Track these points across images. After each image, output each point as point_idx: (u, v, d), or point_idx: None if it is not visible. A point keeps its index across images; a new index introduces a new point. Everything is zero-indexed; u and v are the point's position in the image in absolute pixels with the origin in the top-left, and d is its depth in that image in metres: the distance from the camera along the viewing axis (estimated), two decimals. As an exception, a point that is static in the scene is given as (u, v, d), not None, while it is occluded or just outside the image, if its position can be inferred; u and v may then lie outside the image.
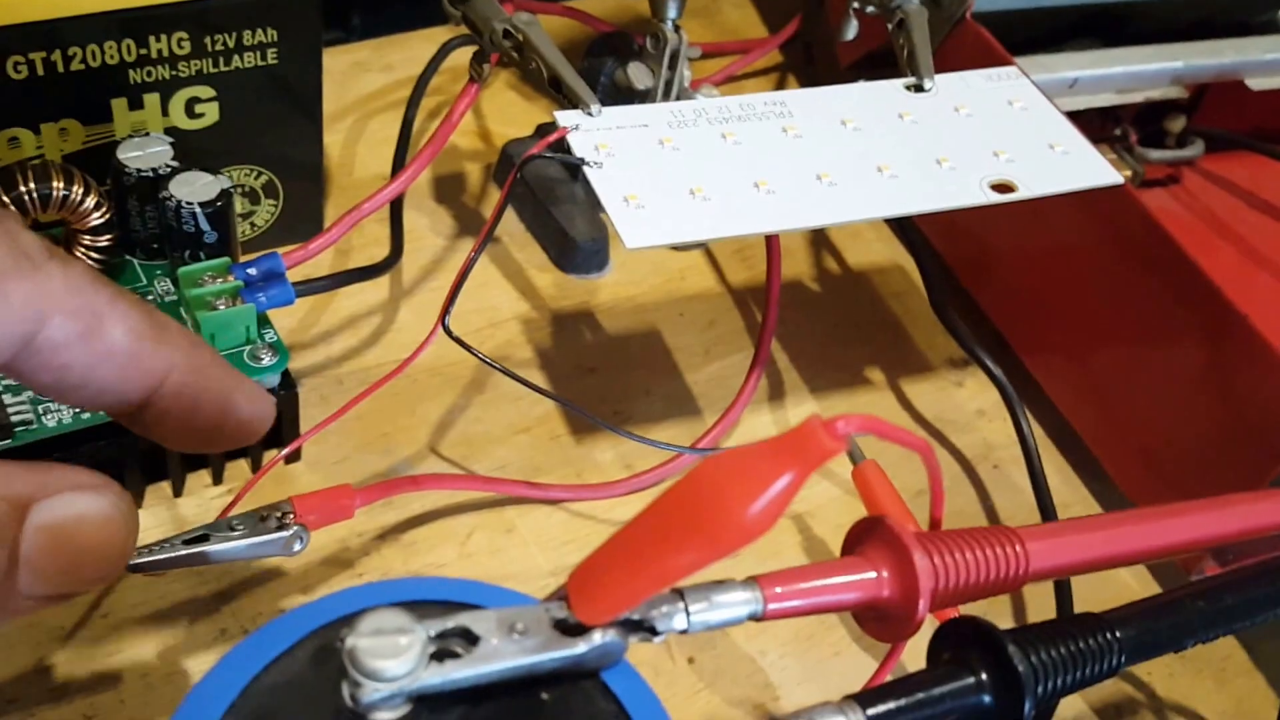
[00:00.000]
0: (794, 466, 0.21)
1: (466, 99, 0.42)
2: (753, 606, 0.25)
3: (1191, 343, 0.43)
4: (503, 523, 0.42)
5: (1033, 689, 0.25)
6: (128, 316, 0.25)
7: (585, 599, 0.23)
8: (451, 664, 0.21)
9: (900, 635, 0.27)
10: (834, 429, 0.21)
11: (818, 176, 0.39)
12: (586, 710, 0.23)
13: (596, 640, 0.23)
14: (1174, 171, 0.58)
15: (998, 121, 0.42)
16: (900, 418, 0.49)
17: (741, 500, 0.21)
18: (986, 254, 0.51)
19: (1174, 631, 0.29)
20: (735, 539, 0.21)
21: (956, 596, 0.27)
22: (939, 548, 0.27)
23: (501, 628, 0.22)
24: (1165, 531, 0.32)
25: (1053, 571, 0.29)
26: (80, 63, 0.38)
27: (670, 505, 0.22)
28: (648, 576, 0.22)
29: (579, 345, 0.48)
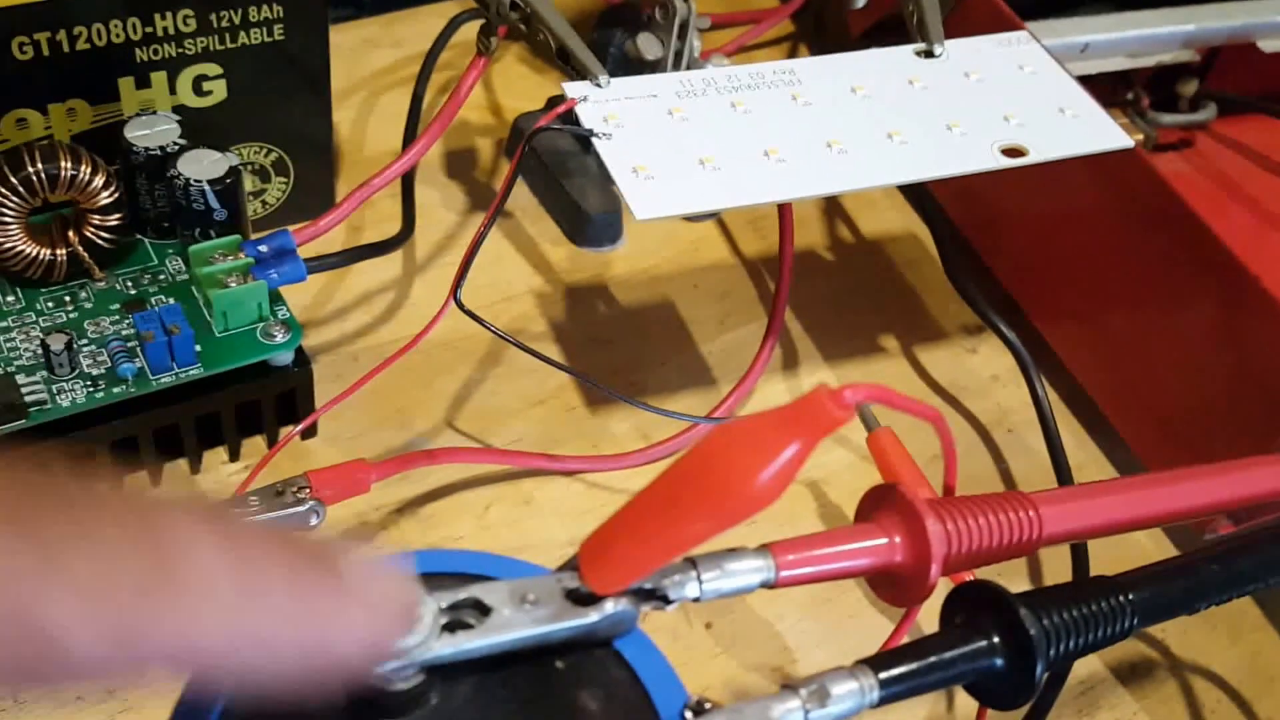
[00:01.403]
0: (801, 436, 0.21)
1: (474, 72, 0.42)
2: (765, 574, 0.25)
3: (1204, 305, 0.43)
4: (520, 494, 0.42)
5: (1044, 652, 0.25)
6: (87, 598, 0.17)
7: (596, 569, 0.23)
8: (463, 635, 0.22)
9: (913, 600, 0.27)
10: (841, 398, 0.21)
11: (828, 144, 0.39)
12: (600, 679, 0.23)
13: (608, 610, 0.23)
14: (1187, 135, 0.58)
15: (1008, 86, 0.42)
16: (914, 384, 0.49)
17: (750, 469, 0.21)
18: (1000, 220, 0.51)
19: (1187, 594, 0.29)
20: (744, 508, 0.21)
21: (969, 561, 0.27)
22: (951, 513, 0.27)
23: (513, 598, 0.22)
24: (1180, 496, 0.32)
25: (1066, 536, 0.29)
26: (86, 42, 0.38)
27: (680, 475, 0.22)
28: (658, 546, 0.22)
29: (593, 318, 0.48)
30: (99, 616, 0.17)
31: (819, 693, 0.23)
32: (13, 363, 0.36)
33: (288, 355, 0.39)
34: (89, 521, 0.18)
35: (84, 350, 0.37)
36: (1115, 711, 0.40)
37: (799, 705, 0.22)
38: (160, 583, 0.18)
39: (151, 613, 0.18)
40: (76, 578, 0.17)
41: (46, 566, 0.17)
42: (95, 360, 0.37)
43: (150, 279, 0.39)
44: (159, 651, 0.18)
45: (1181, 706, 0.41)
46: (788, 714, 0.22)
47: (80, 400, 0.36)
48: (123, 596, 0.17)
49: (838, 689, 0.23)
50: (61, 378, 0.36)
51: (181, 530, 0.18)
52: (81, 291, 0.39)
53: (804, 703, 0.23)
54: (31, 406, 0.35)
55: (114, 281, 0.39)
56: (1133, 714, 0.40)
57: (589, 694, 0.23)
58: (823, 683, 0.23)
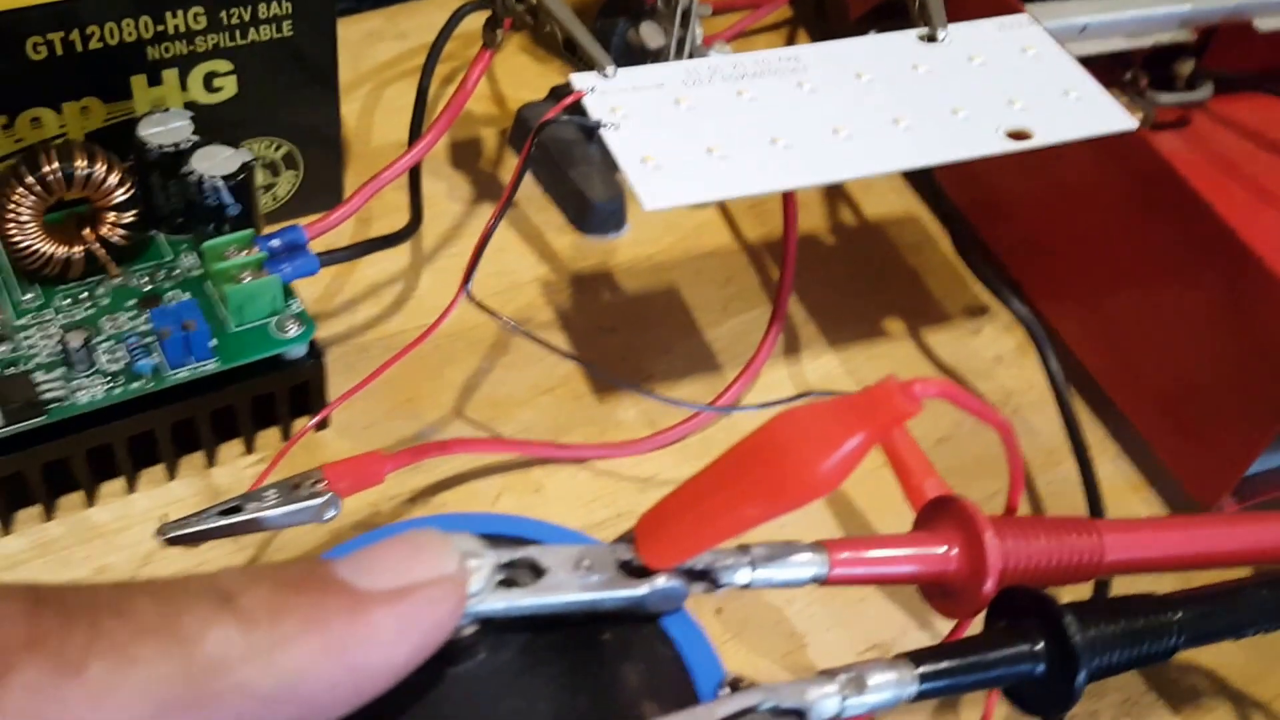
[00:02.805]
0: (867, 427, 0.22)
1: (480, 65, 0.42)
2: (818, 569, 0.26)
3: (1206, 283, 0.43)
4: (530, 483, 0.42)
5: (1087, 662, 0.25)
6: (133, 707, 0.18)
7: (652, 543, 0.23)
8: (518, 591, 0.22)
9: (966, 613, 0.27)
10: (910, 391, 0.22)
11: (833, 130, 0.39)
12: (644, 652, 0.24)
13: (659, 584, 0.23)
14: (1184, 114, 0.58)
15: (1011, 69, 0.43)
16: (920, 366, 0.49)
17: (813, 457, 0.22)
18: (1000, 201, 0.52)
19: (1234, 617, 0.28)
20: (804, 494, 0.22)
21: (1025, 579, 0.27)
22: (1012, 531, 0.27)
23: (568, 563, 0.23)
24: (1249, 536, 0.31)
25: (1128, 566, 0.29)
26: (98, 41, 0.39)
27: (741, 457, 0.23)
28: (714, 525, 0.23)
29: (599, 305, 0.49)
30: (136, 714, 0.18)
31: (857, 680, 0.23)
32: (31, 360, 0.37)
33: (301, 349, 0.39)
34: (126, 642, 0.18)
35: (101, 347, 0.37)
36: (1122, 687, 0.41)
37: (836, 691, 0.23)
38: (190, 675, 0.19)
39: (188, 699, 0.18)
40: (120, 696, 0.18)
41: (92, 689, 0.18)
42: (113, 356, 0.37)
43: (165, 275, 0.40)
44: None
45: (1187, 681, 0.42)
46: (824, 698, 0.23)
47: (99, 396, 0.36)
48: (159, 692, 0.18)
49: (876, 679, 0.23)
50: (80, 374, 0.37)
51: (198, 617, 0.19)
52: (98, 288, 0.39)
53: (841, 689, 0.23)
54: (50, 404, 0.36)
55: (130, 278, 0.39)
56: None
57: (631, 666, 0.23)
58: (861, 672, 0.24)
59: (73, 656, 0.18)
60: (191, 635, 0.19)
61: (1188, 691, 0.42)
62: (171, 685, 0.18)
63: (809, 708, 0.22)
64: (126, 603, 0.19)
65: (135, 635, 0.19)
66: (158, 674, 0.18)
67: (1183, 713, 0.41)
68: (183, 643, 0.19)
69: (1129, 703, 0.41)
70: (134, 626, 0.19)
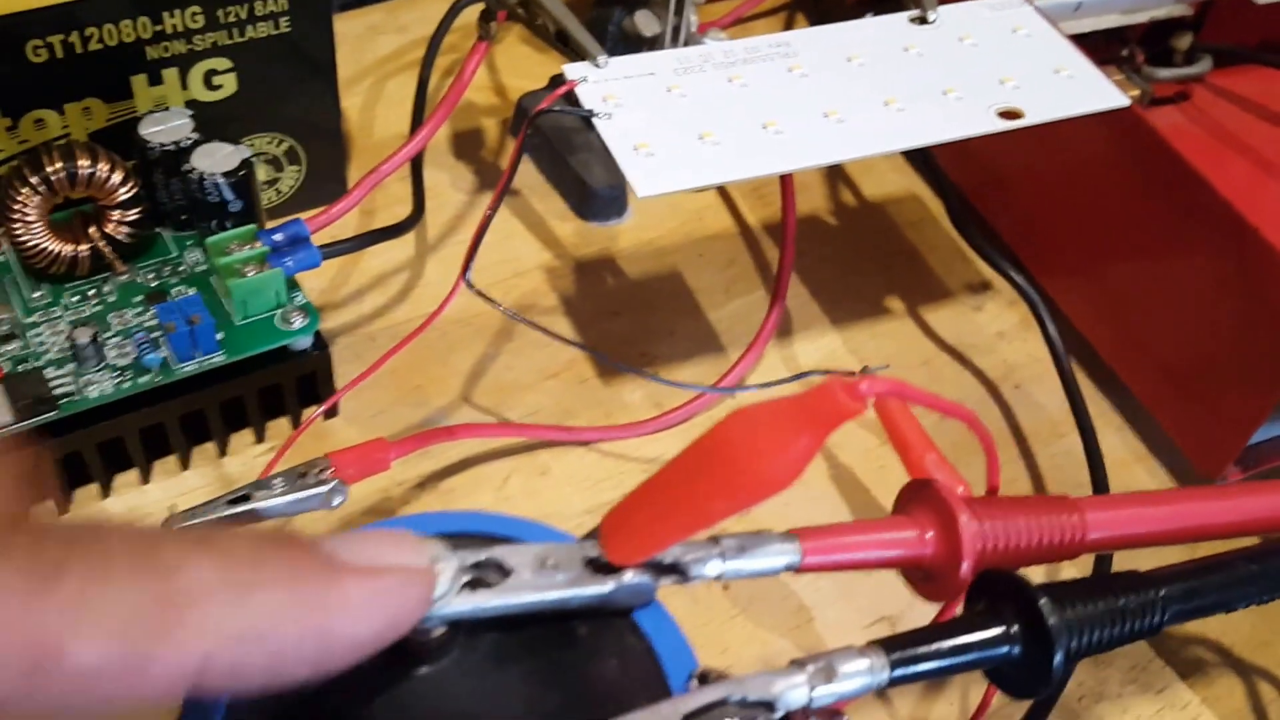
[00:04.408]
0: (813, 427, 0.22)
1: (477, 56, 0.43)
2: (790, 558, 0.26)
3: (1205, 255, 0.43)
4: (537, 466, 0.43)
5: (1064, 643, 0.25)
6: (103, 623, 0.18)
7: (616, 540, 0.24)
8: (484, 593, 0.23)
9: (946, 595, 0.27)
10: (855, 390, 0.21)
11: (825, 114, 0.39)
12: (616, 646, 0.24)
13: (626, 580, 0.24)
14: (1183, 89, 0.58)
15: (1003, 49, 0.43)
16: (921, 344, 0.50)
17: (763, 457, 0.22)
18: (1000, 178, 0.52)
19: (1222, 592, 0.28)
20: (758, 492, 0.22)
21: (1006, 560, 0.27)
22: (989, 511, 0.27)
23: (534, 563, 0.23)
24: (1233, 510, 0.31)
25: (1112, 543, 0.29)
26: (98, 42, 0.39)
27: (697, 456, 0.23)
28: (675, 522, 0.23)
29: (602, 290, 0.49)
30: (109, 628, 0.18)
31: (826, 670, 0.23)
32: (42, 357, 0.37)
33: (307, 339, 0.40)
34: (99, 561, 0.19)
35: (110, 342, 0.38)
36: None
37: (804, 680, 0.23)
38: (162, 599, 0.19)
39: (157, 620, 0.19)
40: (92, 608, 0.18)
41: (65, 599, 0.18)
42: (121, 351, 0.38)
43: (171, 271, 0.40)
44: (165, 659, 0.19)
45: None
46: (792, 689, 0.23)
47: (108, 391, 0.37)
48: (128, 611, 0.19)
49: (846, 667, 0.23)
50: (89, 369, 0.37)
51: (179, 552, 0.19)
52: (105, 285, 0.40)
53: (810, 678, 0.23)
54: (61, 399, 0.37)
55: (136, 274, 0.40)
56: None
57: (604, 660, 0.24)
58: (830, 660, 0.23)
59: (46, 570, 0.18)
60: (169, 565, 0.19)
61: (1195, 658, 0.42)
62: (144, 608, 0.19)
63: (776, 699, 0.23)
64: (104, 531, 0.20)
65: (111, 558, 0.19)
66: (131, 595, 0.19)
67: (1190, 679, 0.41)
68: (160, 570, 0.19)
69: (1136, 669, 0.41)
70: (111, 550, 0.19)
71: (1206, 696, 0.41)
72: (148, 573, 0.19)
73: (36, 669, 0.18)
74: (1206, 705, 0.41)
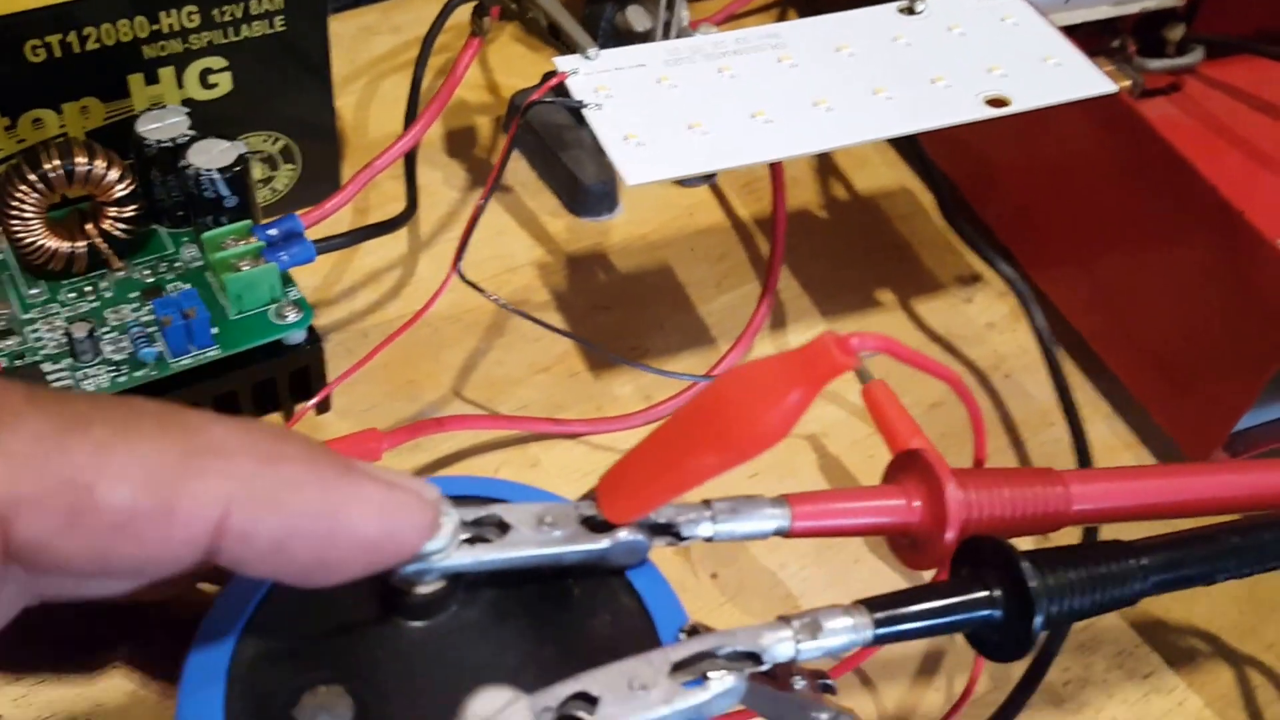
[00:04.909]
0: (805, 381, 0.22)
1: (469, 53, 0.43)
2: (780, 522, 0.26)
3: (1193, 244, 0.44)
4: (527, 458, 0.43)
5: (1044, 607, 0.25)
6: (132, 465, 0.19)
7: (612, 499, 0.24)
8: (482, 548, 0.23)
9: (929, 563, 0.28)
10: (846, 345, 0.22)
11: (814, 103, 0.40)
12: (610, 604, 0.24)
13: (620, 538, 0.24)
14: (1176, 80, 0.59)
15: (991, 38, 0.43)
16: (912, 335, 0.50)
17: (755, 412, 0.22)
18: (991, 171, 0.52)
19: (1204, 563, 0.28)
20: (750, 447, 0.22)
21: (991, 530, 0.28)
22: (975, 482, 0.28)
23: (532, 520, 0.24)
24: (1218, 486, 0.31)
25: (1097, 516, 0.30)
26: (95, 42, 0.40)
27: (691, 414, 0.24)
28: (669, 480, 0.24)
29: (594, 285, 0.49)
30: (136, 472, 0.19)
31: (811, 625, 0.24)
32: (39, 351, 0.38)
33: (300, 334, 0.40)
34: (125, 417, 0.20)
35: (106, 337, 0.39)
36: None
37: (790, 635, 0.23)
38: (188, 448, 0.20)
39: (181, 467, 0.19)
40: (120, 452, 0.19)
41: (94, 444, 0.19)
42: (117, 346, 0.38)
43: (167, 267, 0.41)
44: (188, 507, 0.19)
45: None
46: (779, 642, 0.23)
47: (104, 384, 0.37)
48: (155, 456, 0.19)
49: (831, 624, 0.24)
50: (86, 364, 0.38)
51: (203, 418, 0.20)
52: (102, 281, 0.40)
53: (795, 633, 0.24)
54: (59, 393, 0.37)
55: (132, 271, 0.41)
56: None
57: (597, 617, 0.24)
58: (816, 617, 0.24)
59: (76, 421, 0.19)
60: (194, 425, 0.20)
61: (1181, 645, 0.42)
62: (169, 454, 0.19)
63: (764, 651, 0.23)
64: (129, 398, 0.20)
65: (138, 415, 0.20)
66: (157, 444, 0.19)
67: (1176, 665, 0.42)
68: (185, 428, 0.20)
69: (1123, 655, 0.42)
70: (137, 409, 0.20)
71: (1193, 681, 0.41)
72: (174, 428, 0.20)
73: (73, 509, 0.19)
74: (1193, 690, 0.41)
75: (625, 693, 0.22)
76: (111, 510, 0.19)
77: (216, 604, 0.24)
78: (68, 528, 0.19)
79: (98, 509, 0.19)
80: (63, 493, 0.19)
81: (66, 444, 0.19)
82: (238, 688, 0.22)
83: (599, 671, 0.22)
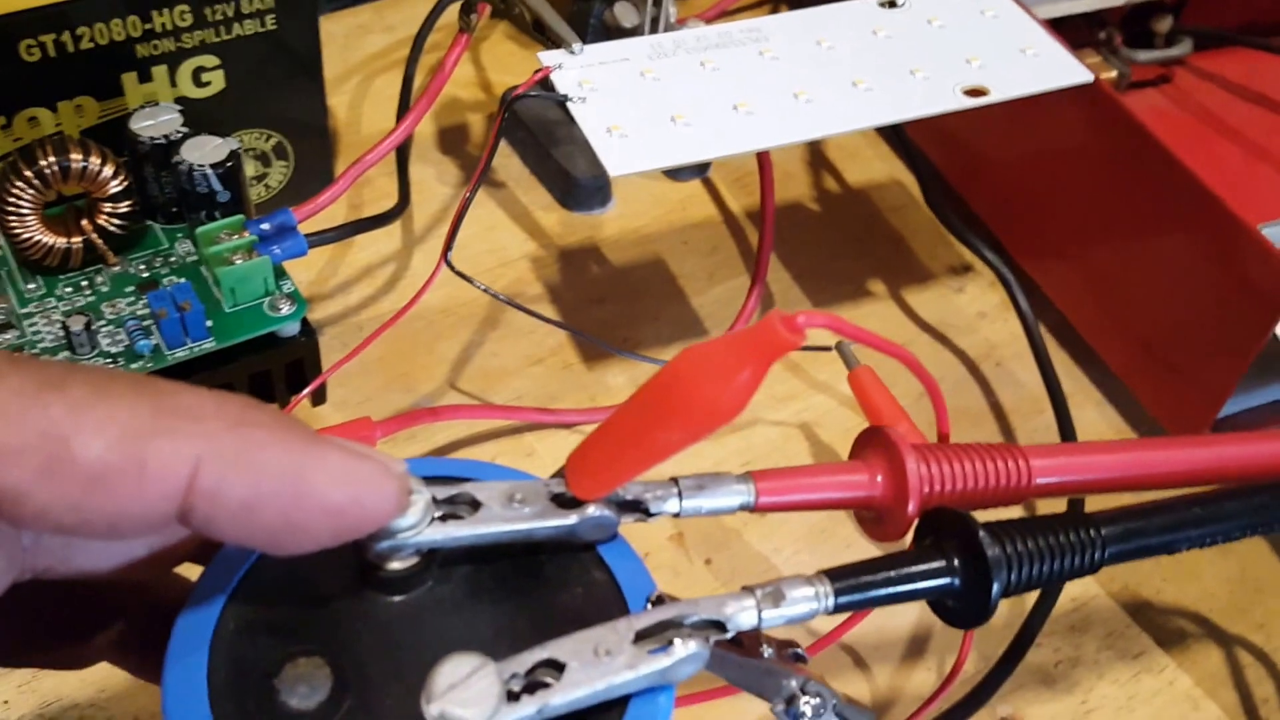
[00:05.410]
0: (754, 359, 0.23)
1: (457, 49, 0.44)
2: (745, 497, 0.27)
3: (1177, 230, 0.44)
4: (522, 448, 0.44)
5: (1002, 576, 0.26)
6: (106, 422, 0.20)
7: (579, 475, 0.25)
8: (454, 524, 0.24)
9: (893, 535, 0.28)
10: (793, 323, 0.22)
11: (794, 95, 0.40)
12: (581, 578, 0.25)
13: (588, 513, 0.25)
14: (1165, 71, 0.59)
15: (970, 31, 0.44)
16: (904, 325, 0.50)
17: (709, 390, 0.23)
18: (980, 162, 0.53)
19: (1163, 533, 0.28)
20: (707, 423, 0.23)
21: (952, 503, 0.28)
22: (936, 456, 0.28)
23: (502, 498, 0.25)
24: (1179, 460, 0.32)
25: (1059, 489, 0.30)
26: (89, 41, 0.40)
27: (651, 392, 0.24)
28: (633, 456, 0.24)
29: (587, 278, 0.50)
30: (110, 428, 0.20)
31: (774, 594, 0.24)
32: (36, 345, 0.39)
33: (294, 326, 0.41)
34: (100, 380, 0.21)
35: (103, 330, 0.39)
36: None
37: (753, 604, 0.24)
38: (159, 409, 0.20)
39: (153, 426, 0.20)
40: (95, 410, 0.20)
41: (71, 402, 0.20)
42: (114, 339, 0.39)
43: (162, 262, 0.42)
44: (159, 464, 0.20)
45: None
46: (742, 610, 0.24)
47: (100, 378, 0.38)
48: (127, 415, 0.20)
49: (793, 593, 0.24)
50: (83, 357, 0.38)
51: (175, 386, 0.21)
52: (98, 276, 0.41)
53: (759, 602, 0.24)
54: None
55: (128, 266, 0.41)
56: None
57: (569, 591, 0.25)
58: (779, 586, 0.24)
59: (54, 380, 0.20)
60: (166, 391, 0.21)
61: (1172, 625, 0.43)
62: (142, 412, 0.20)
63: (727, 619, 0.24)
64: (103, 367, 0.21)
65: (112, 378, 0.21)
66: (131, 403, 0.20)
67: (1166, 645, 0.42)
68: (158, 391, 0.21)
69: (1113, 635, 0.42)
70: (111, 374, 0.21)
71: (1183, 661, 0.42)
72: (148, 392, 0.21)
73: (50, 460, 0.19)
74: (1183, 669, 0.42)
75: (591, 659, 0.22)
76: (87, 463, 0.20)
77: (203, 576, 0.24)
78: (45, 477, 0.19)
79: (74, 461, 0.19)
80: (41, 445, 0.19)
81: (44, 399, 0.20)
82: (221, 656, 0.23)
83: (566, 639, 0.23)
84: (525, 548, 0.25)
